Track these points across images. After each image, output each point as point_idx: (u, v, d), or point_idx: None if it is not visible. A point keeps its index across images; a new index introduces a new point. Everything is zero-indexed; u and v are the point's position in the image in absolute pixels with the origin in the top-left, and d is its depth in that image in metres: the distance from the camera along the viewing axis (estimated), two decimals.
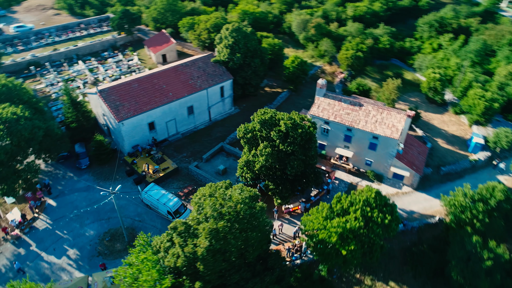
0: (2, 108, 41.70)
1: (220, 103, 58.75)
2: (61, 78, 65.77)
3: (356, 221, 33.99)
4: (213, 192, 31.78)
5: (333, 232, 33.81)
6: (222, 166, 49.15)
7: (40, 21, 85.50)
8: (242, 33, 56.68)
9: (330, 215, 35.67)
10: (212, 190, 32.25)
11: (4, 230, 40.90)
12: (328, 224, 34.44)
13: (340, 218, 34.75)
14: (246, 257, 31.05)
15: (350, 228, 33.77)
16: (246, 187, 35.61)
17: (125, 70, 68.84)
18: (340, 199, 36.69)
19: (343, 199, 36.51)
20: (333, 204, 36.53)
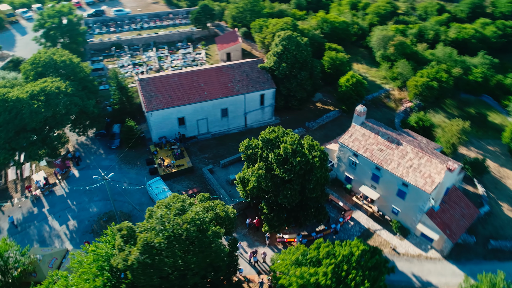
0: (50, 82, 46.79)
1: (259, 110, 56.76)
2: (132, 62, 71.41)
3: (324, 277, 29.15)
4: (171, 203, 30.51)
5: (293, 282, 29.66)
6: (233, 176, 47.40)
7: (138, 7, 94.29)
8: (293, 42, 53.48)
9: (301, 261, 31.34)
10: (173, 200, 30.97)
11: (28, 188, 46.19)
12: (292, 270, 30.32)
13: (309, 268, 30.25)
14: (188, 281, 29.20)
15: (315, 283, 29.16)
16: (224, 206, 33.60)
17: (189, 63, 71.45)
18: (319, 245, 31.95)
19: (322, 246, 31.71)
20: (310, 249, 32.02)
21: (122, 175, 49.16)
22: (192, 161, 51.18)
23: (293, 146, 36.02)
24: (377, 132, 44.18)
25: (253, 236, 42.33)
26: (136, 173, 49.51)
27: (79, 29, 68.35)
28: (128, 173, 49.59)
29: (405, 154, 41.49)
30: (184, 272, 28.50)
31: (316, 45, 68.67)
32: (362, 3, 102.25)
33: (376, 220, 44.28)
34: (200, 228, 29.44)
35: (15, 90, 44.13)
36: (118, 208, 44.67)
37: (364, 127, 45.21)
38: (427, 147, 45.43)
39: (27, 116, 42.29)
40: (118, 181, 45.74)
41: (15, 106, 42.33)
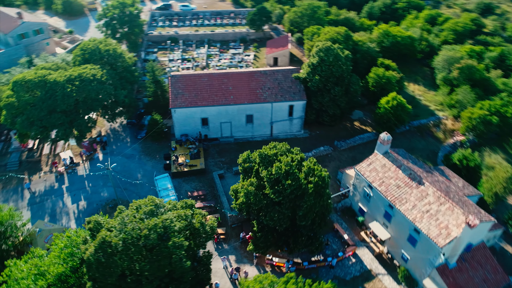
0: (89, 69, 49.95)
1: (286, 121, 54.34)
2: (182, 57, 73.51)
3: None
4: (142, 205, 30.25)
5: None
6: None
7: (204, 4, 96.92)
8: (331, 54, 49.95)
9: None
10: (146, 203, 30.68)
11: (54, 164, 50.01)
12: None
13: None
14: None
15: None
16: (202, 218, 32.64)
17: (235, 63, 71.34)
18: (288, 280, 29.19)
19: (291, 282, 28.91)
20: (279, 282, 29.43)
21: (139, 165, 50.76)
22: (208, 163, 50.87)
23: (287, 167, 33.46)
24: (400, 165, 39.22)
25: (243, 252, 40.58)
26: (152, 166, 50.73)
27: (137, 21, 72.28)
28: (145, 164, 51.04)
29: (424, 196, 36.18)
30: (139, 278, 28.13)
31: (368, 59, 63.74)
32: (443, 17, 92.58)
33: (382, 262, 39.48)
34: (163, 236, 28.78)
35: (55, 73, 47.88)
36: (125, 198, 46.15)
37: (387, 157, 40.48)
38: (459, 192, 39.17)
39: (59, 98, 45.62)
40: (119, 173, 47.35)
41: (52, 87, 45.92)
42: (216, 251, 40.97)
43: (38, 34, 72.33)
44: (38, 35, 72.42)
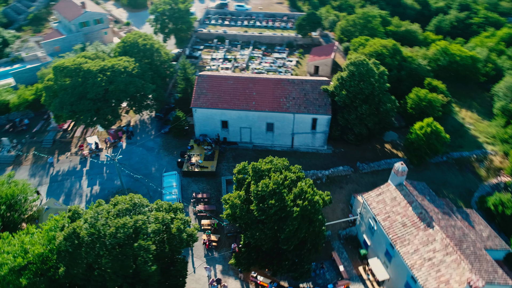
0: (123, 61, 52.18)
1: (309, 135, 51.74)
2: (224, 56, 73.86)
3: None
4: (120, 202, 30.50)
5: None
6: None
7: (260, 5, 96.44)
8: (363, 69, 46.29)
9: None
10: (125, 201, 30.86)
11: (81, 146, 53.16)
12: None
13: None
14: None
15: None
16: (182, 224, 32.18)
17: (274, 68, 69.88)
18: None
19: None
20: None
21: (156, 159, 51.92)
22: (221, 166, 50.37)
23: (274, 185, 31.53)
24: (411, 201, 35.05)
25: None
26: (168, 161, 51.57)
27: (187, 18, 74.07)
28: (162, 159, 52.06)
29: (430, 241, 31.89)
30: (103, 274, 28.46)
31: (415, 78, 58.33)
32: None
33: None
34: (131, 236, 28.77)
35: (91, 62, 50.73)
36: (135, 189, 47.47)
37: (399, 190, 36.45)
38: (478, 243, 33.93)
39: (89, 86, 48.24)
40: (123, 165, 48.74)
41: (84, 75, 48.73)
42: (205, 257, 40.36)
43: (98, 23, 77.66)
44: (98, 25, 77.73)
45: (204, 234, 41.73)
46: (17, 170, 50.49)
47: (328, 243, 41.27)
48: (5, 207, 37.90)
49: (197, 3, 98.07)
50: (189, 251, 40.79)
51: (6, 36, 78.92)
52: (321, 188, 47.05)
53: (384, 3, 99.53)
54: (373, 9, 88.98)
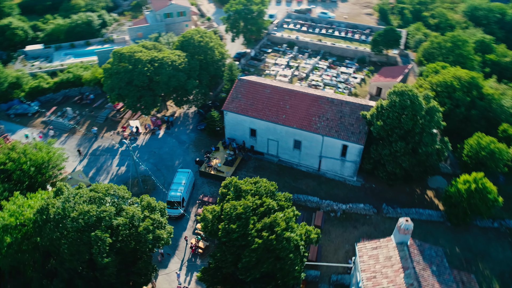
0: (174, 55, 54.41)
1: (338, 161, 47.23)
2: (287, 63, 71.79)
3: None
4: (99, 190, 31.73)
5: None
6: None
7: (345, 15, 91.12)
8: (407, 101, 40.12)
9: None
10: (102, 189, 31.99)
11: (124, 128, 57.24)
12: None
13: None
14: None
15: None
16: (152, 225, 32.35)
17: (334, 83, 65.52)
18: None
19: None
20: None
21: (183, 153, 53.19)
22: (239, 174, 49.19)
23: (243, 209, 29.35)
24: (407, 267, 29.38)
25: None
26: (193, 158, 52.35)
27: (258, 20, 73.76)
28: (188, 154, 53.11)
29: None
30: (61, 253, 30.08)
31: (491, 121, 48.99)
32: None
33: None
34: (94, 224, 29.77)
35: (146, 52, 53.96)
36: (159, 177, 49.24)
37: (399, 250, 30.90)
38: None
39: (136, 74, 51.50)
40: (153, 153, 50.73)
41: (135, 63, 52.15)
42: (188, 262, 40.03)
43: (181, 16, 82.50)
44: (181, 17, 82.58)
45: (194, 238, 41.40)
46: (69, 138, 56.74)
47: (315, 284, 37.23)
48: (34, 169, 42.75)
49: (282, 6, 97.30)
50: (175, 251, 40.94)
51: (106, 18, 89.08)
52: (333, 222, 42.79)
53: (497, 27, 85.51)
54: (476, 32, 77.23)
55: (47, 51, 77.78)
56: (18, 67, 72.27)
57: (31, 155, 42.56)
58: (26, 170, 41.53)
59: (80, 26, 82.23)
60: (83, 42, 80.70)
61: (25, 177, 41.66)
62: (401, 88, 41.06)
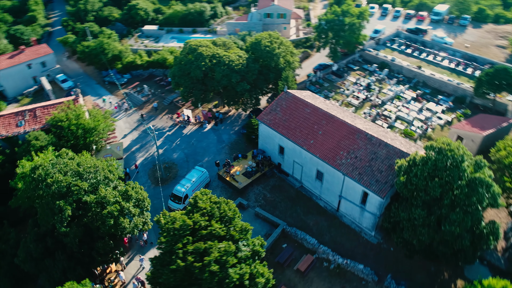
0: (236, 55, 54.60)
1: (357, 208, 40.70)
2: (368, 85, 64.56)
3: None
4: (83, 164, 34.27)
5: None
6: None
7: (468, 43, 76.31)
8: (445, 161, 31.64)
9: None
10: (86, 164, 34.41)
11: (178, 114, 60.39)
12: None
13: None
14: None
15: None
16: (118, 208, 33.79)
17: (409, 118, 56.22)
18: None
19: None
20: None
21: (215, 152, 53.33)
22: (254, 189, 46.97)
23: (179, 227, 27.88)
24: None
25: None
26: (222, 159, 52.10)
27: (351, 34, 67.85)
28: (220, 154, 53.00)
29: None
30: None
31: None
32: None
33: None
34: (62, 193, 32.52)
35: (212, 48, 55.46)
36: (181, 167, 51.07)
37: None
38: None
39: (193, 67, 53.60)
40: (191, 144, 52.92)
41: (196, 56, 54.29)
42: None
43: (281, 18, 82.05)
44: (280, 19, 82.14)
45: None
46: (136, 112, 62.84)
47: None
48: (81, 131, 48.88)
49: (397, 22, 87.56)
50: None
51: (219, 10, 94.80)
52: (321, 273, 37.52)
53: None
54: None
55: (159, 32, 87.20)
56: (130, 42, 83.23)
57: (82, 120, 48.66)
58: (74, 131, 47.79)
59: (192, 15, 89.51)
60: (190, 30, 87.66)
61: (72, 136, 47.98)
62: (443, 145, 32.56)
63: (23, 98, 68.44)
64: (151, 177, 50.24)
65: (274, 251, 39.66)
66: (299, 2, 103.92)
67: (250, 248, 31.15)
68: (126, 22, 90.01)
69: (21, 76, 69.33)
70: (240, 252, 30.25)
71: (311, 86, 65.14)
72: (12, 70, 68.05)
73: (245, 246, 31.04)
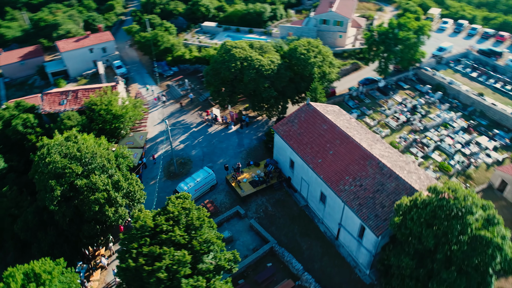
0: (268, 60, 53.29)
1: (354, 240, 37.07)
2: (414, 107, 58.54)
3: None
4: (80, 149, 36.05)
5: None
6: (228, 233, 39.96)
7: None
8: (443, 208, 27.13)
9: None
10: (86, 150, 36.08)
11: (207, 112, 60.88)
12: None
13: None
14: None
15: None
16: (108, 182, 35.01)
17: (450, 150, 49.73)
18: None
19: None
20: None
21: (232, 156, 52.77)
22: (257, 200, 45.48)
23: (139, 226, 27.86)
24: None
25: None
26: (235, 164, 51.29)
27: (406, 50, 61.91)
28: (236, 158, 52.32)
29: None
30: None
31: None
32: None
33: None
34: (56, 174, 34.59)
35: (248, 50, 54.69)
36: (195, 163, 51.59)
37: None
38: None
39: (223, 67, 53.47)
40: (213, 142, 53.68)
41: (229, 57, 54.05)
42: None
43: (337, 25, 78.28)
44: (337, 26, 78.35)
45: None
46: (173, 104, 64.92)
47: None
48: (110, 117, 51.77)
49: (471, 41, 78.09)
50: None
51: (279, 12, 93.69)
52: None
53: None
54: None
55: (217, 29, 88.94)
56: (187, 36, 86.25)
57: (112, 106, 51.46)
58: (103, 115, 50.82)
59: (251, 15, 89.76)
60: (247, 29, 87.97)
61: (100, 120, 51.06)
62: (446, 189, 27.98)
63: (81, 79, 74.90)
64: (165, 170, 51.44)
65: (258, 267, 37.98)
66: (366, 10, 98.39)
67: (215, 262, 30.08)
68: (188, 17, 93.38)
69: (83, 59, 75.87)
70: (202, 263, 29.37)
71: (350, 100, 61.12)
72: (76, 52, 74.81)
73: (210, 259, 30.06)
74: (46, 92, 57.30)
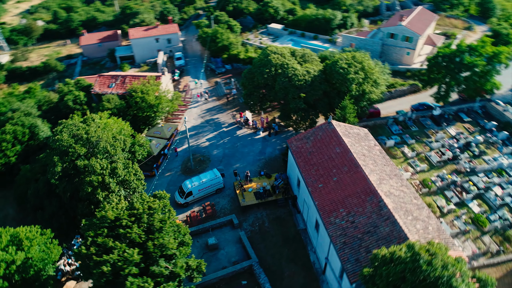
0: (305, 70, 50.81)
1: (335, 281, 33.38)
2: (466, 142, 50.60)
3: None
4: (89, 137, 38.33)
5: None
6: (213, 241, 39.25)
7: None
8: (416, 270, 22.75)
9: None
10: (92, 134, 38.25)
11: (241, 114, 60.34)
12: None
13: None
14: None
15: None
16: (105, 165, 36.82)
17: (495, 203, 41.86)
18: None
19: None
20: None
21: (252, 162, 51.57)
22: (257, 212, 43.85)
23: (99, 217, 28.64)
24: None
25: None
26: (251, 170, 50.14)
27: (474, 78, 53.70)
28: (254, 165, 50.84)
29: None
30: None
31: None
32: None
33: None
34: (62, 151, 37.37)
35: (287, 57, 52.83)
36: (213, 161, 51.85)
37: None
38: None
39: (257, 73, 52.47)
40: (237, 146, 53.95)
41: (265, 63, 52.79)
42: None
43: (406, 41, 71.42)
44: (405, 42, 71.55)
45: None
46: (213, 101, 65.95)
47: None
48: (146, 104, 54.43)
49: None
50: None
51: (350, 21, 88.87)
52: None
53: None
54: None
55: (282, 32, 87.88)
56: (250, 36, 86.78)
57: (147, 96, 54.01)
58: (139, 103, 53.75)
59: (319, 20, 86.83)
60: (312, 35, 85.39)
61: (135, 107, 54.04)
62: (423, 251, 23.34)
63: (144, 66, 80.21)
64: (183, 165, 52.48)
65: (232, 282, 36.59)
66: (451, 27, 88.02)
67: (170, 267, 29.67)
68: (257, 17, 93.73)
69: (148, 47, 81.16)
70: (156, 266, 29.18)
71: (394, 125, 55.25)
72: (143, 40, 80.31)
73: (167, 263, 29.74)
74: (100, 74, 62.52)
